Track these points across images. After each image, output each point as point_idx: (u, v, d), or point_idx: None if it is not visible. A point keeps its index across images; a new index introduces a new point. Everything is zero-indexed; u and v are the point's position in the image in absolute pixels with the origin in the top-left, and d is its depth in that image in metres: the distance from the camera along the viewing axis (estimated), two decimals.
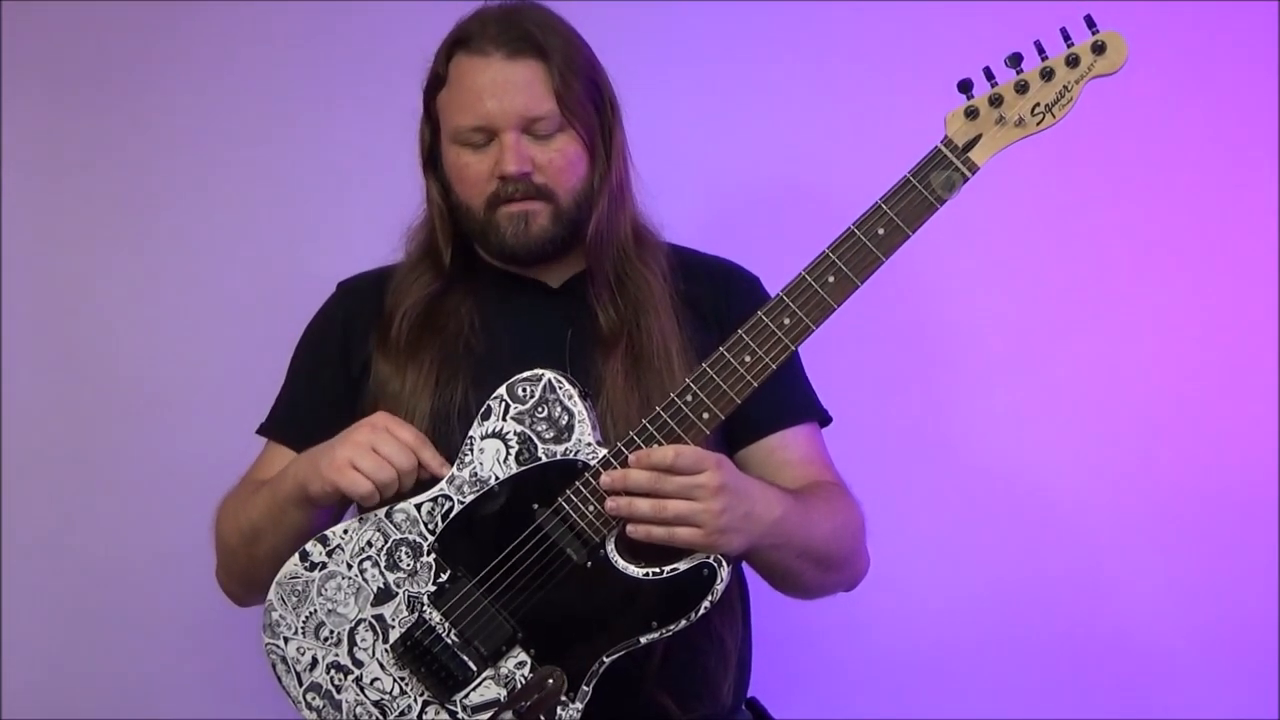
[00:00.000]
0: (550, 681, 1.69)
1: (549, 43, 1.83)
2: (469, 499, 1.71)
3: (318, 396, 1.91)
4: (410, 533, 1.73)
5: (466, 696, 1.71)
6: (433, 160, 1.90)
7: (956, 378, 2.49)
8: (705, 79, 2.47)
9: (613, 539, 1.69)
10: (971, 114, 1.67)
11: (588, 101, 1.86)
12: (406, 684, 1.72)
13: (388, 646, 1.72)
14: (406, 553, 1.73)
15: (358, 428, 1.73)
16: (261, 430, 1.97)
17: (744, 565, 1.91)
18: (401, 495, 1.74)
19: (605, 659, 1.69)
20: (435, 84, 1.88)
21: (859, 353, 2.44)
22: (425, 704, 1.72)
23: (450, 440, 1.76)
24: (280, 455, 1.91)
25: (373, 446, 1.70)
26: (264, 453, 1.95)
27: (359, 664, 1.73)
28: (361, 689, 1.73)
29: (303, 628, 1.74)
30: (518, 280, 1.92)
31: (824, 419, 1.98)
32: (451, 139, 1.85)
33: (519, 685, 1.70)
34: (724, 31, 2.48)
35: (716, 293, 1.93)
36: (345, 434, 1.74)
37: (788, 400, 1.93)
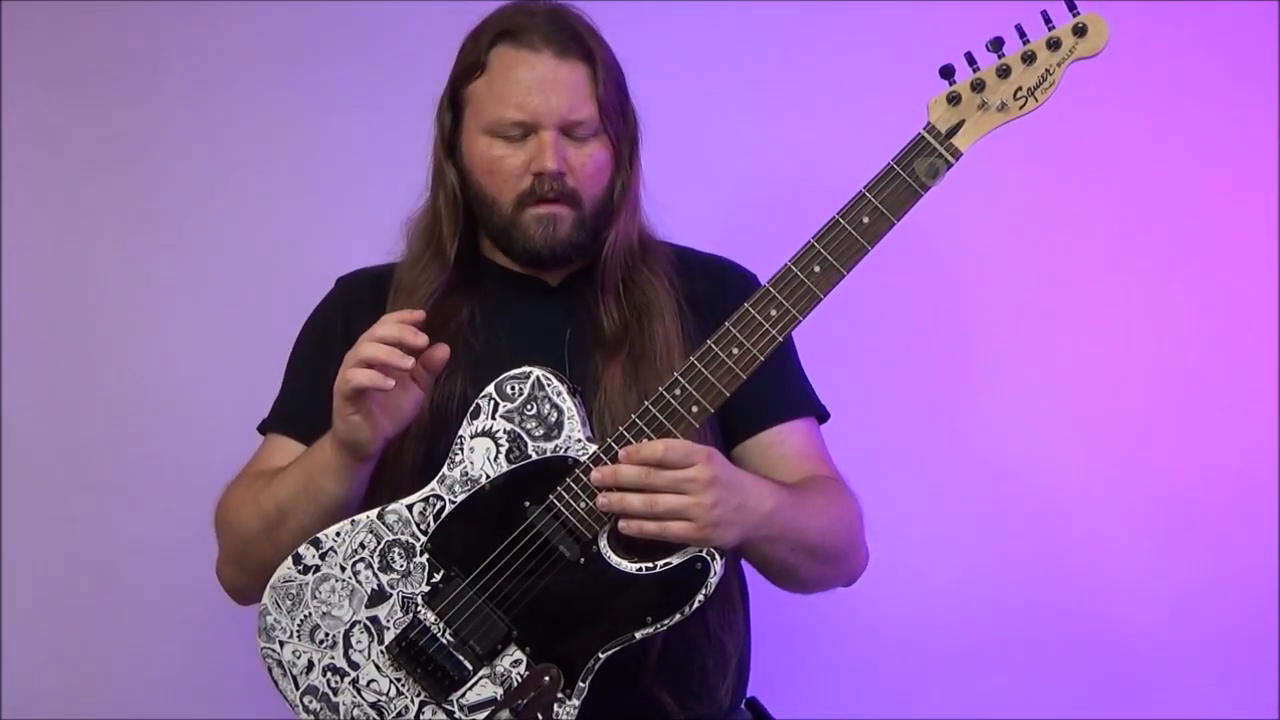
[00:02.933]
0: (546, 679, 1.69)
1: (595, 47, 1.85)
2: (460, 498, 1.71)
3: (320, 390, 1.87)
4: (402, 534, 1.72)
5: (463, 696, 1.71)
6: (450, 148, 1.90)
7: (955, 374, 2.49)
8: (700, 77, 2.48)
9: (605, 535, 1.68)
10: (954, 99, 1.67)
11: (619, 110, 1.87)
12: (403, 685, 1.72)
13: (383, 648, 1.72)
14: (399, 554, 1.72)
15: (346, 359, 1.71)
16: (264, 426, 1.96)
17: (743, 563, 1.91)
18: (396, 496, 1.74)
19: (601, 655, 1.68)
20: (470, 71, 1.87)
21: (858, 349, 2.44)
22: (422, 704, 1.72)
23: (449, 437, 1.76)
24: (284, 448, 1.90)
25: (359, 360, 1.68)
26: (265, 446, 1.94)
27: (355, 666, 1.73)
28: (358, 691, 1.73)
29: (298, 631, 1.74)
30: (517, 278, 1.92)
31: (821, 414, 1.98)
32: (485, 129, 1.85)
33: (515, 683, 1.70)
34: (719, 29, 2.48)
35: (713, 290, 1.92)
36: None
37: (785, 395, 1.93)
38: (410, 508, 1.73)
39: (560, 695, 1.69)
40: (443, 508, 1.72)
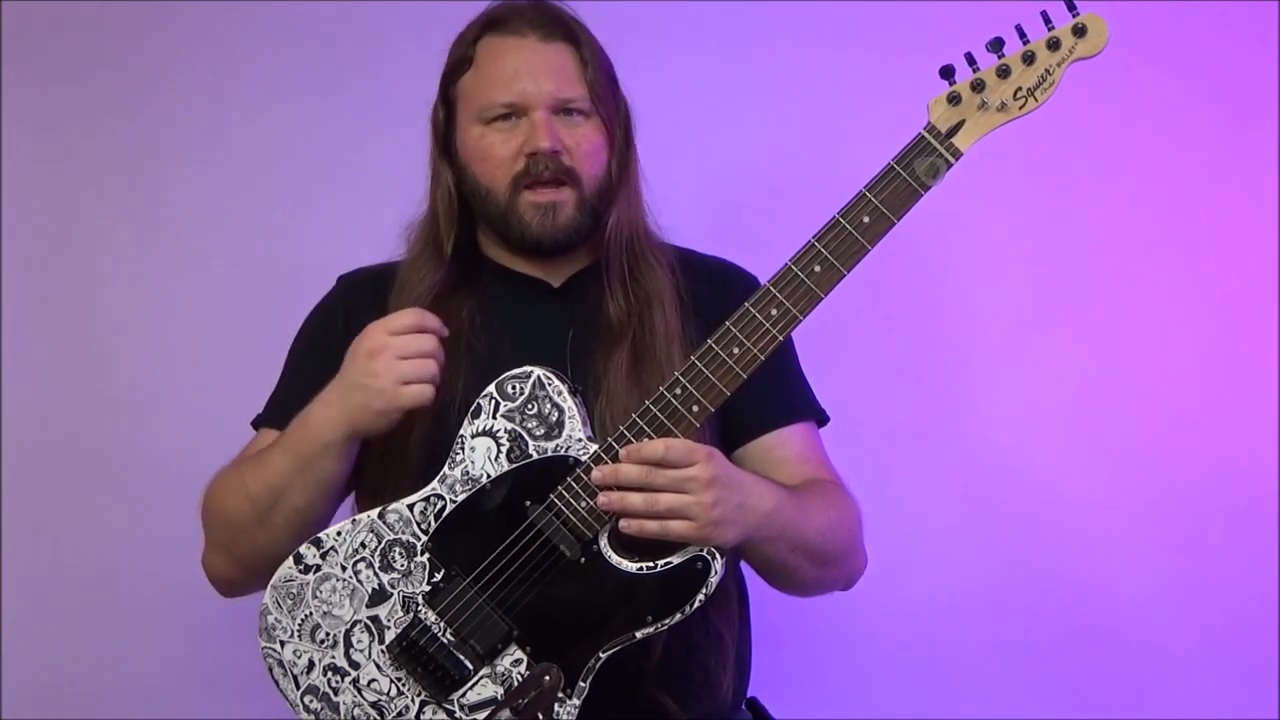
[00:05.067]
0: (547, 678, 1.69)
1: (579, 31, 1.87)
2: (461, 498, 1.71)
3: (317, 388, 1.86)
4: (403, 533, 1.72)
5: (464, 695, 1.71)
6: (445, 147, 1.91)
7: (955, 376, 2.49)
8: (698, 76, 2.48)
9: (606, 534, 1.69)
10: (954, 100, 1.67)
11: (610, 95, 1.89)
12: (403, 684, 1.72)
13: (384, 647, 1.72)
14: (400, 553, 1.72)
15: (369, 356, 1.70)
16: (258, 420, 1.95)
17: (741, 564, 1.91)
18: (398, 495, 1.74)
19: (601, 654, 1.69)
20: (459, 67, 1.89)
21: (858, 351, 2.44)
22: (423, 704, 1.72)
23: (449, 438, 1.76)
24: None
25: (400, 356, 1.69)
26: (257, 440, 1.93)
27: (355, 665, 1.73)
28: (359, 690, 1.73)
29: (299, 630, 1.74)
30: (520, 279, 1.92)
31: (821, 418, 1.98)
32: (476, 119, 1.86)
33: (516, 683, 1.70)
34: (716, 28, 2.49)
35: (715, 292, 1.92)
36: (358, 367, 1.71)
37: (785, 399, 1.93)
38: (411, 507, 1.73)
39: (561, 695, 1.69)
40: (443, 507, 1.72)
